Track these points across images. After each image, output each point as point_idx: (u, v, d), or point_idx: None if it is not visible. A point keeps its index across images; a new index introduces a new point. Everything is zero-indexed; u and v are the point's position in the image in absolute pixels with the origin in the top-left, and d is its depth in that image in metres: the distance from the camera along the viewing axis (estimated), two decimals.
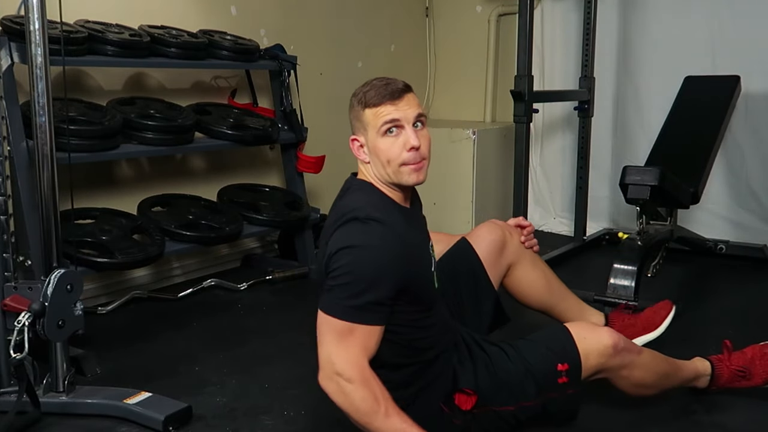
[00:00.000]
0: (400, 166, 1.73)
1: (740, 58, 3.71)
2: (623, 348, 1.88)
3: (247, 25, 3.64)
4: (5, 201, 2.11)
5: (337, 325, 1.64)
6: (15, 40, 2.46)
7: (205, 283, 3.26)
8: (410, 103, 1.74)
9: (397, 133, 1.72)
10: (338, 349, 1.63)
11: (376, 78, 1.79)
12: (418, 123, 1.75)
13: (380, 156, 1.74)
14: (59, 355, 2.11)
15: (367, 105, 1.74)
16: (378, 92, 1.73)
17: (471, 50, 4.73)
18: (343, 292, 1.64)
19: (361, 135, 1.78)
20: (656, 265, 3.35)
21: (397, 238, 1.69)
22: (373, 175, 1.79)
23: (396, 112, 1.71)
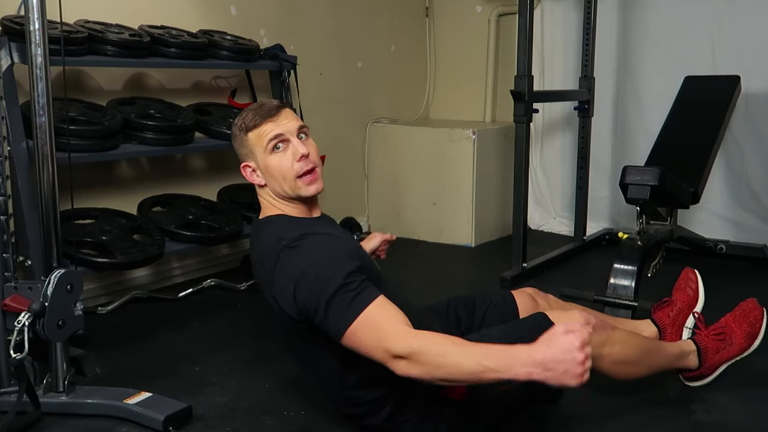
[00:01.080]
0: (296, 179, 1.80)
1: (740, 58, 3.72)
2: (596, 324, 1.88)
3: (247, 25, 3.64)
4: (5, 201, 2.11)
5: (358, 324, 1.60)
6: (15, 40, 2.46)
7: (205, 283, 3.26)
8: (288, 117, 1.82)
9: (284, 147, 1.81)
10: (378, 337, 1.58)
11: (250, 104, 1.87)
12: (301, 134, 1.83)
13: (274, 173, 1.81)
14: (59, 355, 2.11)
15: (248, 129, 1.82)
16: (255, 114, 1.81)
17: (471, 50, 4.74)
18: (335, 300, 1.61)
19: (251, 160, 1.85)
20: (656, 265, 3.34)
21: (327, 236, 1.76)
22: (273, 196, 1.85)
23: (278, 128, 1.80)
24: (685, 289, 2.38)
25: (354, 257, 1.72)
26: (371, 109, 4.51)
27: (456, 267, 3.92)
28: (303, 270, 1.67)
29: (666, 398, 2.16)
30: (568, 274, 3.61)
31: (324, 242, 1.73)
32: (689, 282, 2.40)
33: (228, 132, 3.21)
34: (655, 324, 2.32)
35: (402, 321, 1.60)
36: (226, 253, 3.68)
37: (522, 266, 3.47)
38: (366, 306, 1.61)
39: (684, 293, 2.37)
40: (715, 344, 2.15)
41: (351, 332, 1.61)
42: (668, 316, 2.32)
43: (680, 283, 2.41)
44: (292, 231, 1.76)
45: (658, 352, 2.09)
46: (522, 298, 2.19)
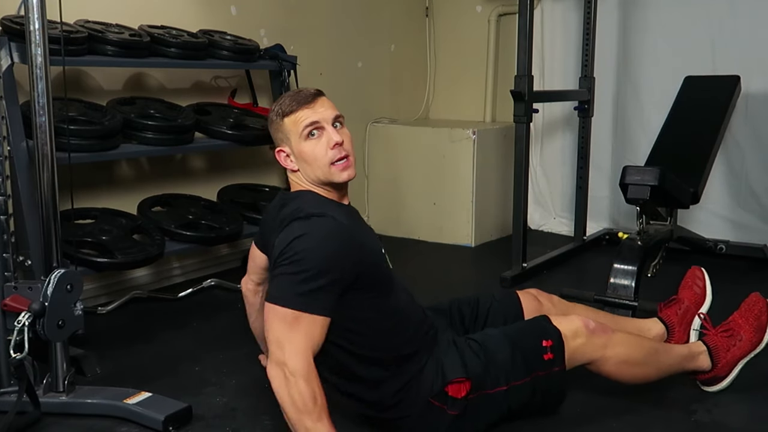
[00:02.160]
0: (330, 166, 1.81)
1: (740, 58, 3.72)
2: (595, 327, 1.94)
3: (247, 25, 3.64)
4: (5, 201, 2.11)
5: (284, 314, 1.66)
6: (15, 40, 2.46)
7: (205, 283, 3.26)
8: (325, 105, 1.85)
9: (319, 134, 1.82)
10: (285, 337, 1.65)
11: (288, 91, 1.88)
12: (336, 123, 1.86)
13: (307, 159, 1.83)
14: (59, 355, 2.11)
15: (285, 114, 1.83)
16: (293, 100, 1.83)
17: (471, 50, 4.73)
18: (289, 281, 1.67)
19: (285, 145, 1.87)
20: (656, 265, 3.34)
21: (340, 226, 1.75)
22: (305, 181, 1.87)
23: (314, 115, 1.82)
24: (692, 287, 2.37)
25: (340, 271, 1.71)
26: (371, 109, 4.51)
27: (456, 267, 3.92)
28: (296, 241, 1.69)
29: (666, 398, 2.16)
30: (568, 274, 3.61)
31: (334, 231, 1.74)
32: (696, 280, 2.39)
33: (228, 132, 3.22)
34: (662, 322, 2.31)
35: (309, 346, 1.66)
36: (226, 253, 3.68)
37: (522, 266, 3.47)
38: (308, 312, 1.66)
39: (691, 291, 2.36)
40: (724, 341, 2.13)
41: (275, 311, 1.67)
42: (676, 314, 2.31)
43: (687, 281, 2.40)
44: (314, 207, 1.78)
45: (665, 353, 2.09)
46: (526, 298, 2.20)
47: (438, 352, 1.91)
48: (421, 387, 1.86)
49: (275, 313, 1.68)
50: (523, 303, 2.18)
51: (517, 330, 1.97)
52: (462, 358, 1.88)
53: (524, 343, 1.91)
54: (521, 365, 1.88)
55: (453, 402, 1.85)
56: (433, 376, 1.86)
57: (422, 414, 1.85)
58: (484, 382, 1.86)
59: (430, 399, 1.85)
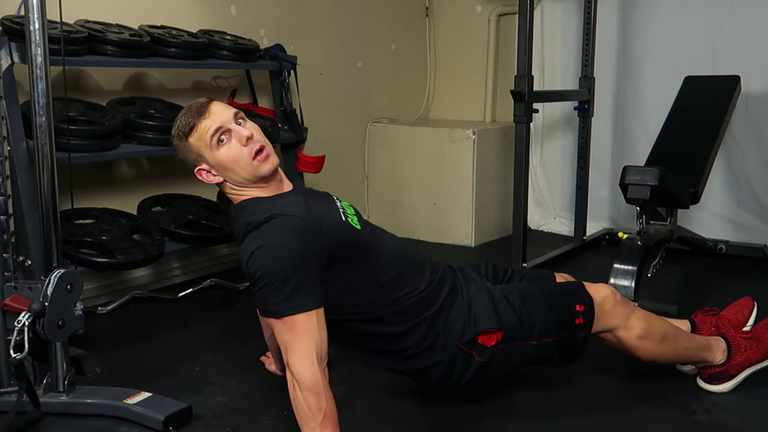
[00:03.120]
0: (252, 162, 1.80)
1: (740, 58, 3.71)
2: (620, 298, 2.03)
3: (247, 25, 3.64)
4: (5, 201, 2.11)
5: (280, 323, 1.68)
6: (15, 40, 2.46)
7: (205, 283, 3.26)
8: (220, 109, 1.83)
9: (228, 137, 1.81)
10: (290, 343, 1.68)
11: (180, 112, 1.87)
12: (239, 120, 1.83)
13: (228, 165, 1.81)
14: (59, 355, 2.11)
15: (187, 134, 1.83)
16: (187, 117, 1.82)
17: (471, 50, 4.73)
18: (267, 294, 1.68)
19: (202, 162, 1.85)
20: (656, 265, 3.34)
21: (292, 221, 1.73)
22: (237, 187, 1.85)
23: (214, 122, 1.80)
24: (738, 312, 2.37)
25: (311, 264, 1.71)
26: (371, 109, 4.50)
27: None
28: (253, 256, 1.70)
29: (666, 398, 2.16)
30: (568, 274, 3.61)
31: (288, 231, 1.72)
32: (744, 309, 2.39)
33: None
34: (690, 321, 2.32)
35: (314, 347, 1.67)
36: (226, 253, 3.68)
37: (522, 266, 3.47)
38: (298, 312, 1.67)
39: (735, 314, 2.36)
40: (744, 342, 2.16)
41: (271, 322, 1.71)
42: (710, 323, 2.31)
43: (735, 306, 2.40)
44: (260, 213, 1.77)
45: (684, 335, 2.14)
46: (560, 279, 2.29)
47: (467, 297, 1.94)
48: (450, 332, 1.89)
49: (274, 324, 1.72)
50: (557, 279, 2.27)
51: (553, 290, 2.05)
52: (496, 307, 1.92)
53: (560, 304, 1.97)
54: (554, 324, 1.94)
55: (482, 349, 1.88)
56: (464, 322, 1.89)
57: (452, 359, 1.89)
58: (515, 334, 1.91)
59: (459, 345, 1.88)
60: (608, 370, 2.28)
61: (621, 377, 2.17)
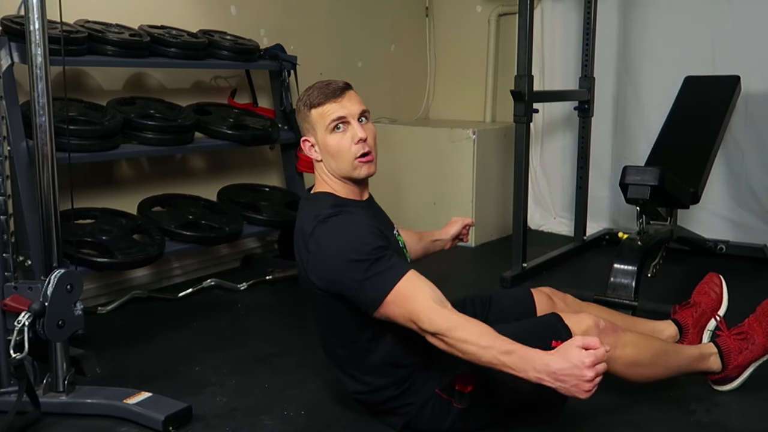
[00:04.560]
0: (353, 161, 1.85)
1: (740, 58, 3.72)
2: (605, 327, 1.94)
3: (247, 25, 3.64)
4: (5, 201, 2.11)
5: (392, 298, 1.69)
6: (15, 40, 2.46)
7: (205, 283, 3.26)
8: (352, 100, 1.87)
9: (344, 128, 1.85)
10: (413, 311, 1.67)
11: (317, 81, 1.90)
12: (362, 118, 1.88)
13: (331, 152, 1.86)
14: (59, 355, 2.11)
15: (312, 106, 1.86)
16: (321, 92, 1.85)
17: (471, 50, 4.73)
18: (367, 278, 1.70)
19: (311, 135, 1.90)
20: (656, 265, 3.34)
21: (359, 216, 1.81)
22: (327, 173, 1.90)
23: (341, 110, 1.84)
24: (708, 292, 2.36)
25: (380, 237, 1.78)
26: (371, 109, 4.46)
27: (456, 267, 3.91)
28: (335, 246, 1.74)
29: (666, 398, 2.16)
30: (568, 274, 3.61)
31: (355, 220, 1.79)
32: (713, 286, 2.38)
33: (228, 132, 3.22)
34: (676, 323, 2.30)
35: (431, 297, 1.68)
36: (226, 253, 3.68)
37: (522, 266, 3.47)
38: (396, 281, 1.70)
39: (708, 296, 2.35)
40: (736, 344, 2.14)
41: (384, 307, 1.71)
42: (691, 317, 2.30)
43: (703, 287, 2.39)
44: (327, 208, 1.83)
45: (674, 354, 2.10)
46: (539, 297, 2.20)
47: None
48: (429, 379, 1.88)
49: (389, 304, 1.70)
50: (537, 301, 2.18)
51: (527, 328, 1.96)
52: None
53: (533, 342, 1.88)
54: None
55: (460, 396, 1.87)
56: (442, 368, 1.88)
57: (428, 404, 1.88)
58: (491, 378, 1.87)
59: (438, 391, 1.88)
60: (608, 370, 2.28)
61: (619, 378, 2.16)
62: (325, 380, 2.33)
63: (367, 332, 1.85)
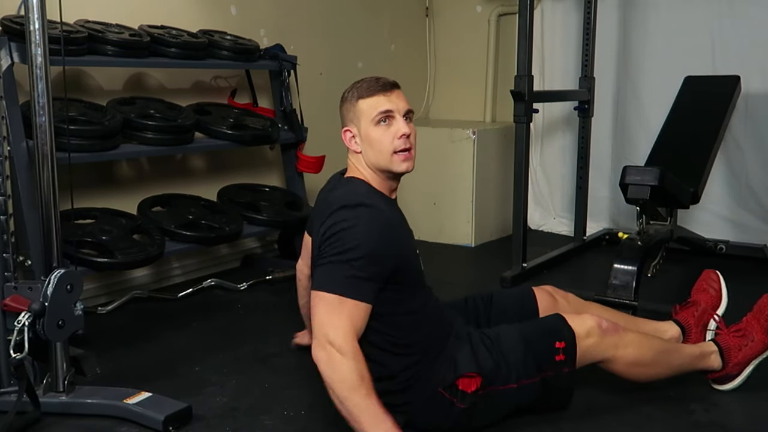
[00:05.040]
0: (393, 155, 1.88)
1: (740, 58, 3.72)
2: (607, 327, 1.98)
3: (247, 25, 3.64)
4: (5, 201, 2.11)
5: (330, 299, 1.74)
6: (15, 40, 2.46)
7: (205, 283, 3.26)
8: (401, 98, 1.91)
9: (389, 122, 1.88)
10: (330, 320, 1.72)
11: (368, 76, 1.94)
12: (407, 117, 1.93)
13: (373, 144, 1.89)
14: (59, 355, 2.11)
15: (361, 97, 1.89)
16: (371, 86, 1.89)
17: (471, 50, 4.73)
18: (337, 268, 1.75)
19: (353, 126, 1.92)
20: (656, 265, 3.35)
21: (387, 219, 1.83)
22: (365, 164, 1.92)
23: (388, 104, 1.88)
24: (707, 289, 2.37)
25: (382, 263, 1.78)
26: None
27: (456, 267, 3.92)
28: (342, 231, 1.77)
29: (665, 398, 2.16)
30: (568, 274, 3.61)
31: (381, 224, 1.81)
32: (711, 282, 2.39)
33: (228, 132, 3.22)
34: (678, 324, 2.31)
35: (354, 331, 1.73)
36: (226, 253, 3.68)
37: (522, 266, 3.47)
38: (352, 297, 1.73)
39: (707, 294, 2.36)
40: (736, 341, 2.15)
41: (320, 297, 1.74)
42: (693, 316, 2.31)
43: (701, 284, 2.40)
44: (361, 196, 1.85)
45: (675, 353, 2.12)
46: (541, 295, 2.22)
47: (452, 344, 1.94)
48: (432, 377, 1.89)
49: (321, 299, 1.75)
50: (538, 300, 2.20)
51: (531, 329, 2.00)
52: (475, 353, 1.91)
53: (537, 343, 1.94)
54: (532, 365, 1.91)
55: (462, 396, 1.88)
56: (446, 367, 1.89)
57: (430, 403, 1.89)
58: (494, 379, 1.89)
59: (440, 390, 1.88)
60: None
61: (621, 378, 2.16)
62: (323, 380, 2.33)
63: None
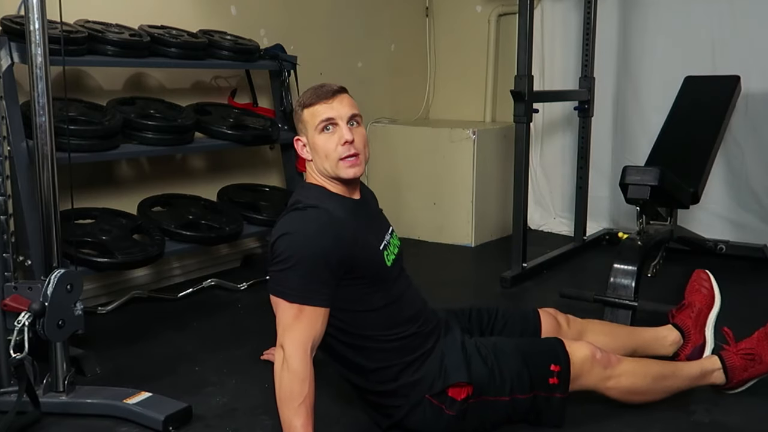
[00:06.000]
0: (338, 161, 1.87)
1: (740, 58, 3.72)
2: (601, 358, 1.98)
3: (247, 25, 3.64)
4: (5, 201, 2.11)
5: (287, 306, 1.75)
6: (15, 40, 2.46)
7: (205, 283, 3.26)
8: (343, 103, 1.90)
9: (333, 130, 1.87)
10: (289, 325, 1.75)
11: (314, 84, 1.94)
12: (353, 122, 1.90)
13: (319, 151, 1.89)
14: (59, 355, 2.11)
15: (305, 106, 1.90)
16: (314, 94, 1.90)
17: (471, 50, 4.73)
18: (286, 276, 1.75)
19: (303, 135, 1.93)
20: (656, 265, 3.35)
21: (335, 221, 1.82)
22: (316, 172, 1.93)
23: (330, 111, 1.87)
24: (699, 290, 2.36)
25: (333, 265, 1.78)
26: (371, 109, 4.50)
27: (456, 267, 3.92)
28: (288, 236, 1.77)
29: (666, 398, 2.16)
30: (568, 274, 3.61)
31: (326, 225, 1.79)
32: (702, 282, 2.38)
33: (228, 132, 3.23)
34: (677, 328, 2.30)
35: (310, 339, 1.75)
36: (226, 253, 3.68)
37: (522, 266, 3.47)
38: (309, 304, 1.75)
39: (700, 294, 2.35)
40: (743, 363, 2.13)
41: (278, 303, 1.77)
42: (689, 317, 2.31)
43: (693, 285, 2.39)
44: (310, 199, 1.87)
45: (672, 377, 2.10)
46: (546, 318, 2.21)
47: (443, 349, 1.93)
48: (418, 383, 1.88)
49: (279, 305, 1.77)
50: (543, 322, 2.19)
51: (529, 346, 2.00)
52: (467, 361, 1.90)
53: (534, 360, 1.94)
54: (527, 381, 1.91)
55: (452, 403, 1.87)
56: (435, 373, 1.88)
57: (418, 408, 1.88)
58: (486, 389, 1.89)
59: (428, 396, 1.87)
60: None
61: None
62: (325, 380, 2.32)
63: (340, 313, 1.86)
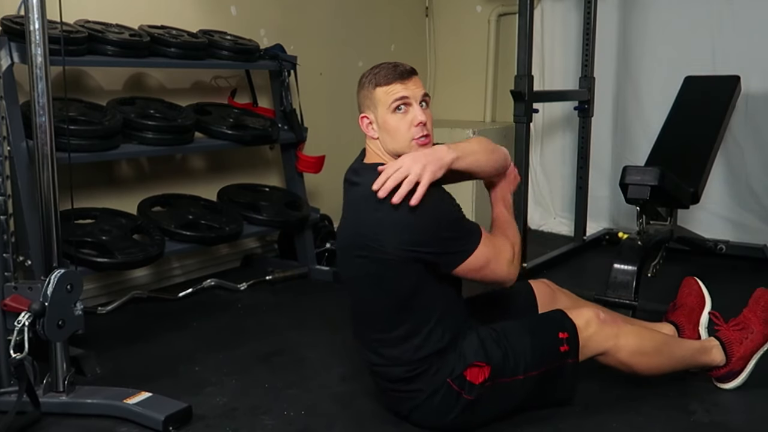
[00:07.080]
0: (410, 142, 1.89)
1: (740, 58, 3.72)
2: (605, 318, 2.02)
3: (247, 25, 3.64)
4: (5, 201, 2.11)
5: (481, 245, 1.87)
6: (15, 40, 2.46)
7: (205, 283, 3.26)
8: (417, 84, 1.91)
9: (406, 110, 1.89)
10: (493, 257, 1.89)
11: (384, 62, 1.93)
12: (423, 103, 1.91)
13: (390, 131, 1.90)
14: (59, 355, 2.11)
15: (378, 84, 1.89)
16: (388, 72, 1.89)
17: (471, 50, 4.74)
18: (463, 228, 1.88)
19: (371, 112, 1.93)
20: (656, 265, 3.34)
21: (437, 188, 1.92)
22: (382, 150, 1.93)
23: (405, 91, 1.88)
24: (689, 294, 2.39)
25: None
26: None
27: None
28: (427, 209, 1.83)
29: (666, 398, 2.16)
30: (568, 274, 3.61)
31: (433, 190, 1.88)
32: (692, 288, 2.41)
33: (228, 132, 3.22)
34: (671, 323, 2.33)
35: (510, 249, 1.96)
36: (226, 253, 3.68)
37: (522, 266, 3.46)
38: (481, 236, 1.88)
39: (691, 297, 2.38)
40: (737, 335, 2.17)
41: (474, 255, 1.86)
42: (683, 315, 2.34)
43: (683, 290, 2.42)
44: None
45: (677, 345, 2.16)
46: (539, 287, 2.26)
47: (461, 339, 1.95)
48: (441, 366, 1.90)
49: (469, 263, 1.86)
50: (537, 293, 2.24)
51: (535, 322, 2.04)
52: (483, 345, 1.93)
53: (542, 334, 1.98)
54: (538, 356, 1.94)
55: (470, 387, 1.89)
56: (454, 358, 1.91)
57: (437, 393, 1.90)
58: (502, 370, 1.91)
59: (449, 380, 1.90)
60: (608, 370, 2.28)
61: (621, 378, 2.16)
62: (325, 380, 2.33)
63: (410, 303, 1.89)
